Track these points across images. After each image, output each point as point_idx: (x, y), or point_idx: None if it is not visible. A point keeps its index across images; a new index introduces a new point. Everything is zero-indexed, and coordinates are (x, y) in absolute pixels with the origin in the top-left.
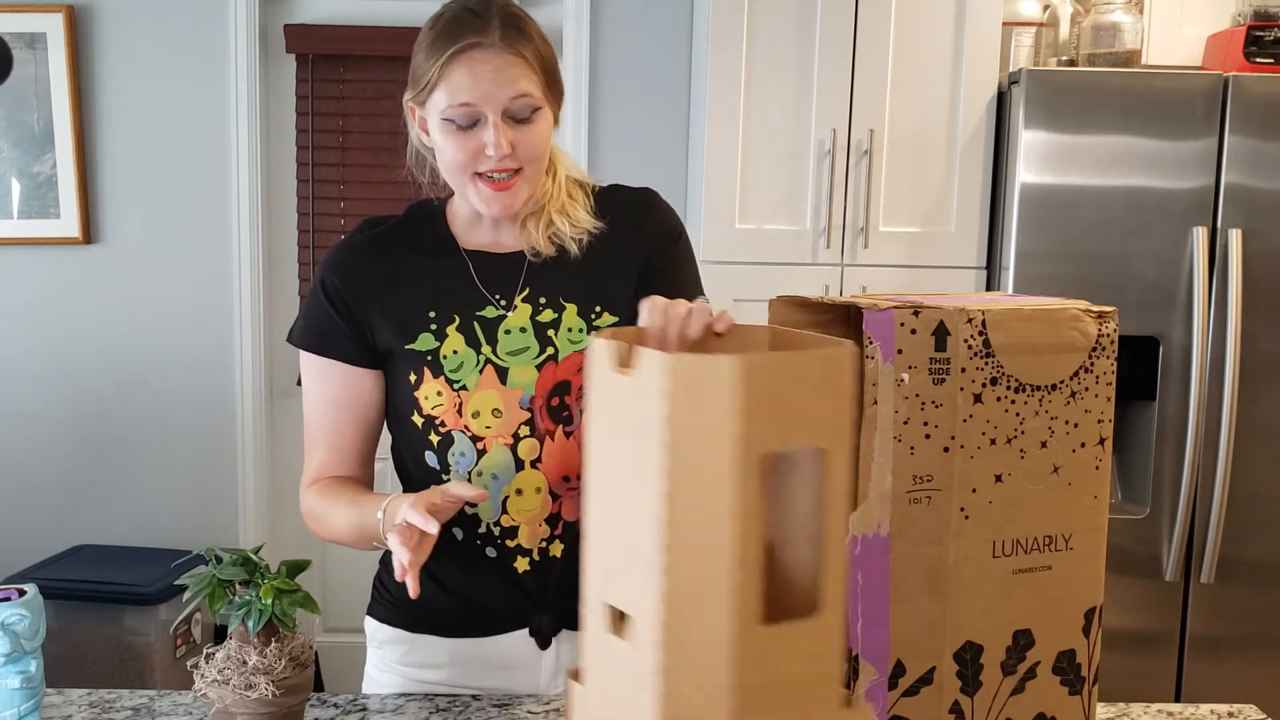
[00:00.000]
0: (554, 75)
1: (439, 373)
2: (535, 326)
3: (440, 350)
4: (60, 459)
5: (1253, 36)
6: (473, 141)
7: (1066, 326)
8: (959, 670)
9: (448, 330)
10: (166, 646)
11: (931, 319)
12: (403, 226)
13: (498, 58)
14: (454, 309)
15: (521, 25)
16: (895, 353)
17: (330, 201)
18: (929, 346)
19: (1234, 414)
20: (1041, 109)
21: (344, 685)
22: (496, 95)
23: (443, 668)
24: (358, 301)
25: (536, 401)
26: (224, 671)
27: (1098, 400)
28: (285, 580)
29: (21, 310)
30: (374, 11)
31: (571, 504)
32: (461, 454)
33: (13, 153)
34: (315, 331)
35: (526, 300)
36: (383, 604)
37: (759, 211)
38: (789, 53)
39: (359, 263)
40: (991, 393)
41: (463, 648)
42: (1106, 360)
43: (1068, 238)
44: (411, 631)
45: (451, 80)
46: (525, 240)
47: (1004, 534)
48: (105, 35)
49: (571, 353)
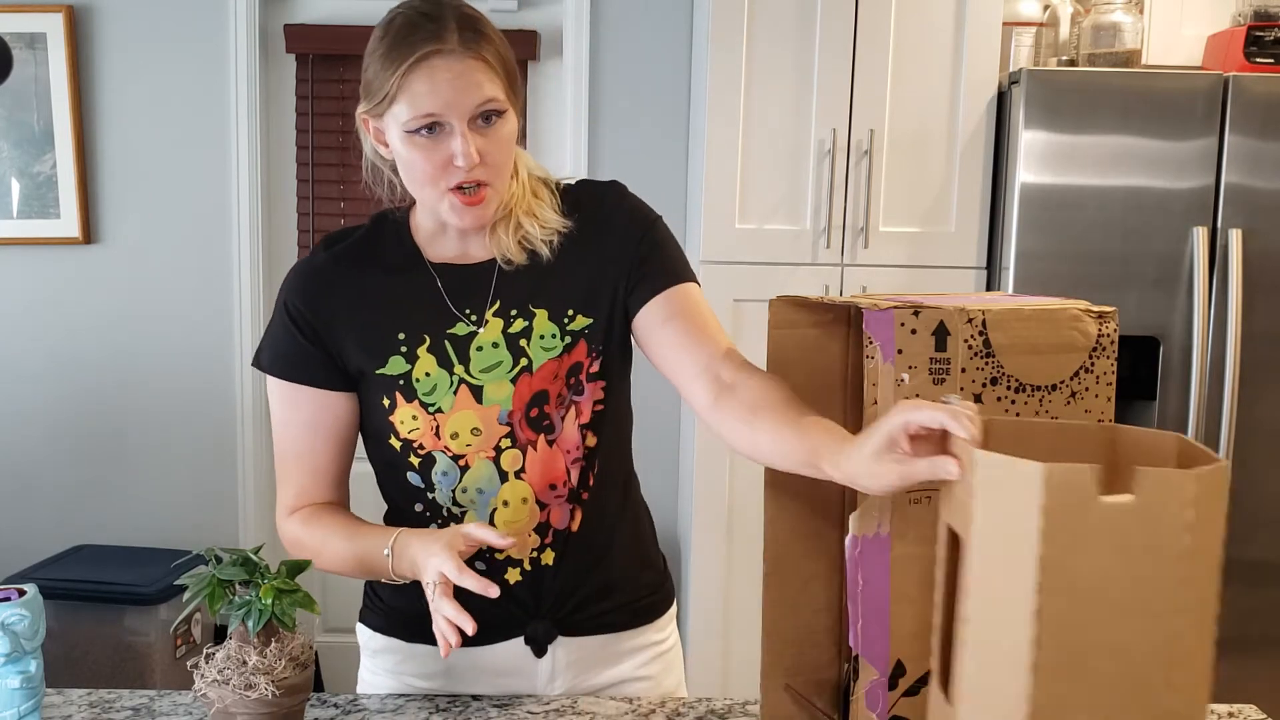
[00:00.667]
0: (514, 76)
1: (412, 397)
2: (507, 339)
3: (412, 373)
4: (60, 459)
5: (1253, 36)
6: (439, 153)
7: (1067, 326)
8: None
9: (418, 351)
10: (166, 646)
11: (932, 319)
12: (365, 243)
13: (459, 63)
14: (423, 328)
15: (479, 26)
16: (895, 353)
17: (330, 201)
18: (929, 346)
19: (1234, 414)
20: (1041, 109)
21: (344, 685)
22: (461, 103)
23: (438, 677)
24: (325, 326)
25: (515, 415)
26: (224, 671)
27: (1098, 400)
28: (285, 580)
29: (21, 310)
30: (374, 11)
31: (559, 511)
32: (444, 473)
33: (13, 153)
34: (284, 358)
35: (498, 314)
36: (375, 612)
37: (759, 211)
38: (789, 53)
39: (322, 285)
40: (992, 393)
41: (457, 657)
42: (1107, 360)
43: (1068, 238)
44: (406, 641)
45: (412, 91)
46: (496, 248)
47: None
48: (105, 35)
49: (545, 360)
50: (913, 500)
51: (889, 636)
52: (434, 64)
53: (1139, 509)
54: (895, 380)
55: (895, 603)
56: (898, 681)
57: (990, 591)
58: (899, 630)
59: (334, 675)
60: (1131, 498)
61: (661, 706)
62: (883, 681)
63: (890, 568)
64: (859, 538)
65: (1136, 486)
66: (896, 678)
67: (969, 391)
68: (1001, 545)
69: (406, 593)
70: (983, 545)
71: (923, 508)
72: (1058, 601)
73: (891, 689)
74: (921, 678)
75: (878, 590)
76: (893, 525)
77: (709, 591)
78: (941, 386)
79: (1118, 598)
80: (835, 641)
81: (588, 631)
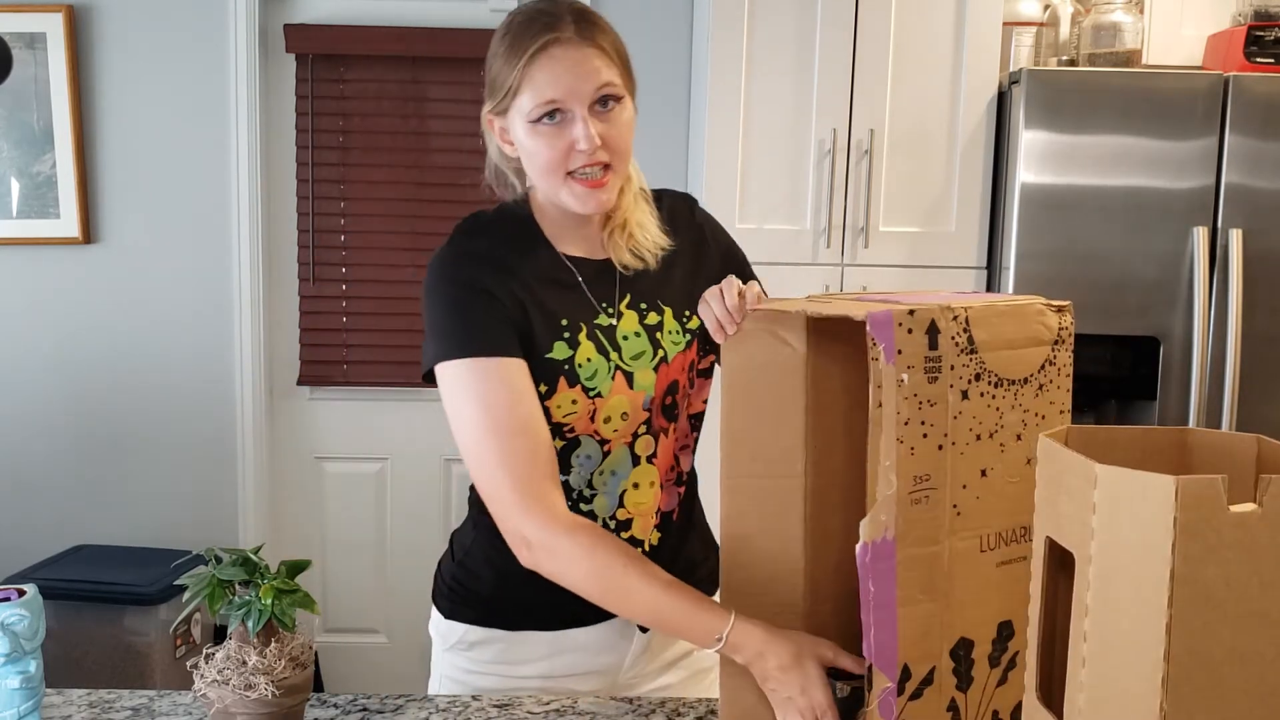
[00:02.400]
0: (629, 66)
1: (575, 381)
2: (646, 330)
3: (575, 358)
4: (60, 459)
5: (1253, 36)
6: (562, 140)
7: (1033, 321)
8: (954, 667)
9: (579, 339)
10: (166, 646)
11: (924, 318)
12: (504, 231)
13: (577, 51)
14: (580, 317)
15: (592, 18)
16: (896, 353)
17: (330, 201)
18: (924, 345)
19: (1234, 414)
20: (1042, 109)
21: (344, 685)
22: (581, 89)
23: (541, 660)
24: (516, 302)
25: (655, 402)
26: (224, 671)
27: (1059, 392)
28: (285, 580)
29: (21, 310)
30: (374, 11)
31: (669, 496)
32: (588, 456)
33: (13, 153)
34: (488, 335)
35: (630, 306)
36: (471, 606)
37: (759, 211)
38: (789, 52)
39: (499, 266)
40: (975, 388)
41: (561, 640)
42: (1066, 352)
43: (1068, 238)
44: (510, 630)
45: (534, 81)
46: (612, 251)
47: (989, 527)
48: (105, 35)
49: (675, 353)
50: (914, 501)
51: (897, 642)
52: (553, 53)
53: (1268, 517)
54: (896, 380)
55: (900, 605)
56: (904, 686)
57: (1115, 607)
58: (904, 634)
59: (334, 675)
60: (1255, 506)
61: (661, 706)
62: (893, 689)
63: (896, 571)
64: (869, 544)
65: (1264, 494)
66: (903, 682)
67: (957, 388)
68: (1129, 560)
69: (508, 584)
70: (1106, 561)
71: (923, 508)
72: (1189, 614)
73: (899, 694)
74: (924, 679)
75: (886, 596)
76: (897, 528)
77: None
78: (934, 384)
79: (1247, 606)
80: None
81: None
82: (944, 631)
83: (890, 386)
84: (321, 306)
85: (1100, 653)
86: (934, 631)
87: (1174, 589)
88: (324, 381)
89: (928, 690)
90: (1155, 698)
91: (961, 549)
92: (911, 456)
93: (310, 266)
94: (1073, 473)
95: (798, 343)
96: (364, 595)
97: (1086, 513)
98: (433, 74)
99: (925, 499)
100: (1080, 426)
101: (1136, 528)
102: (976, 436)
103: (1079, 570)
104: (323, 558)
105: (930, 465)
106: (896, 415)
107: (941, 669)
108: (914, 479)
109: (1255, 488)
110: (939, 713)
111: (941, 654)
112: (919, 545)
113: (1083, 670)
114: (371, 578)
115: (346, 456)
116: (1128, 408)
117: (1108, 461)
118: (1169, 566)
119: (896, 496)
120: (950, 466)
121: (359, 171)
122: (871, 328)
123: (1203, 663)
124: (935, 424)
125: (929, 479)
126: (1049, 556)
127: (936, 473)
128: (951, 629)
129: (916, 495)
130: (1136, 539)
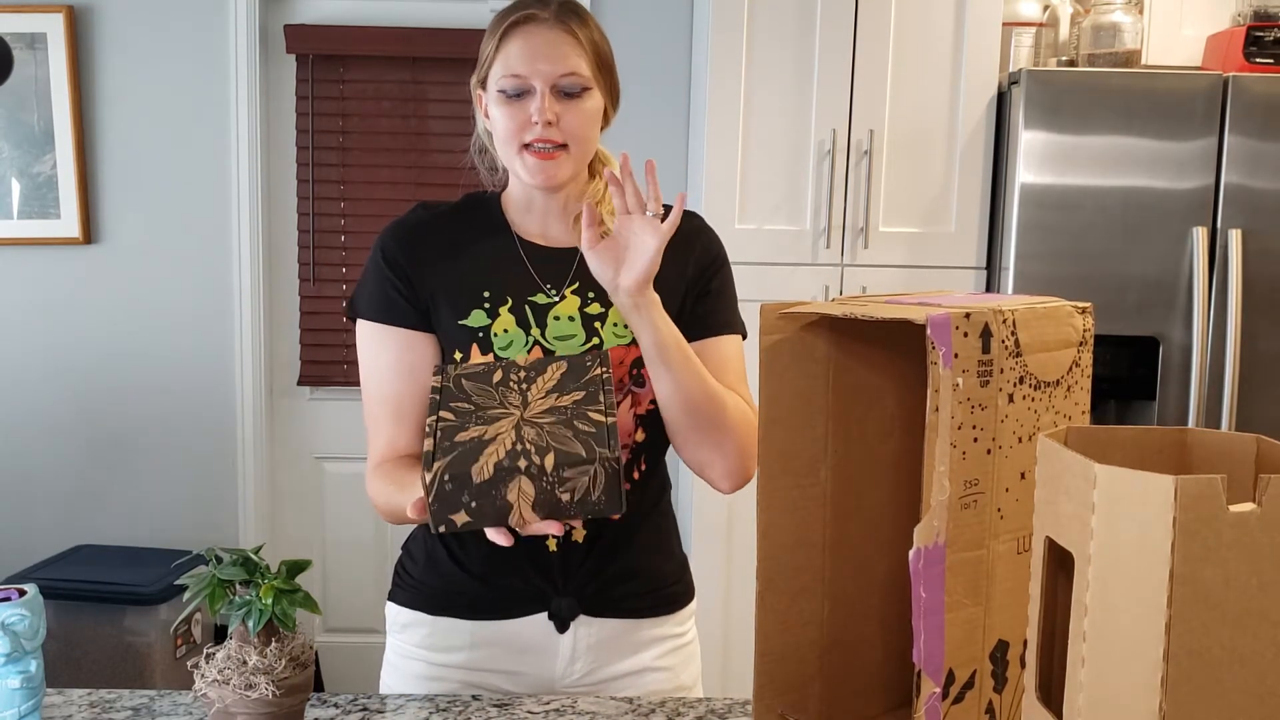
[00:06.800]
0: (607, 65)
1: (487, 349)
2: (583, 317)
3: (491, 328)
4: (60, 459)
5: (1253, 36)
6: (522, 112)
7: (1065, 323)
8: (993, 670)
9: (500, 310)
10: (166, 646)
11: (979, 321)
12: (459, 209)
13: (550, 32)
14: (507, 291)
15: (579, 11)
16: (953, 357)
17: (330, 201)
18: (978, 349)
19: (1234, 414)
20: (1041, 109)
21: (344, 685)
22: (544, 69)
23: (462, 650)
24: (417, 271)
25: None
26: (224, 671)
27: (1082, 393)
28: (285, 580)
29: (22, 310)
30: (374, 11)
31: None
32: None
33: (13, 153)
34: (378, 300)
35: (576, 293)
36: (404, 589)
37: (759, 212)
38: (789, 53)
39: (418, 236)
40: (1019, 391)
41: (482, 630)
42: (1088, 354)
43: (1068, 238)
44: (432, 614)
45: (506, 53)
46: (578, 236)
47: (1024, 529)
48: (105, 35)
49: (615, 345)
50: (964, 506)
51: (944, 648)
52: (528, 29)
53: (1267, 517)
54: (952, 385)
55: (948, 610)
56: (949, 690)
57: (1113, 607)
58: (950, 638)
59: (334, 675)
60: (1255, 506)
61: (661, 706)
62: (938, 694)
63: (944, 576)
64: (922, 550)
65: (1263, 494)
66: (948, 686)
67: (1005, 391)
68: (1128, 560)
69: (436, 569)
70: (1104, 560)
71: (971, 512)
72: (1189, 614)
73: (944, 699)
74: (966, 683)
75: (935, 602)
76: (947, 533)
77: (709, 594)
78: (985, 388)
79: (1246, 606)
80: (818, 655)
81: (609, 614)
82: (985, 635)
83: (947, 391)
84: (321, 306)
85: (1099, 653)
86: (977, 635)
87: (1173, 589)
88: (324, 381)
89: (969, 694)
90: (1154, 698)
91: (1001, 551)
92: (963, 461)
93: (310, 266)
94: (1072, 473)
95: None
96: (364, 595)
97: (1086, 513)
98: (433, 74)
99: (974, 503)
100: (1080, 427)
101: (1136, 528)
102: (1019, 439)
103: (1078, 570)
104: (323, 558)
105: (979, 469)
106: (951, 419)
107: (982, 672)
108: (964, 483)
109: (1254, 488)
110: (978, 715)
111: (983, 657)
112: (967, 549)
113: (1082, 670)
114: (371, 578)
115: (346, 456)
116: (1127, 408)
117: (1107, 461)
118: (1168, 566)
119: (949, 502)
120: (996, 470)
121: (359, 172)
122: (931, 331)
123: (1202, 663)
124: (985, 428)
125: (978, 483)
126: (1049, 557)
127: (984, 477)
128: (991, 632)
129: (966, 500)
130: (1136, 539)
